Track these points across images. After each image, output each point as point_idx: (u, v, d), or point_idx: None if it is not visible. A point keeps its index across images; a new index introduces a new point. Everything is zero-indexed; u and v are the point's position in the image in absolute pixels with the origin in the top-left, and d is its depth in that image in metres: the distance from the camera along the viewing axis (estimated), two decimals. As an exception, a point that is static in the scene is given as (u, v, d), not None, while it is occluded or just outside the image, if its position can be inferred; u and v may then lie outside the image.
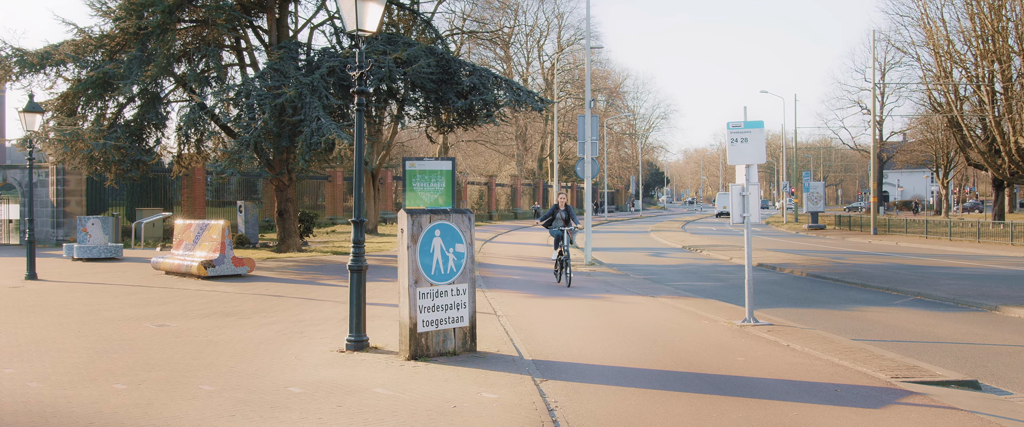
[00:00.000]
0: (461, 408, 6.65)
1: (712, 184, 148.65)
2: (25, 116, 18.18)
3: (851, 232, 46.98)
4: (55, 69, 22.62)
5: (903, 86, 61.49)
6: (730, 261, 24.87)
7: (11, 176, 31.32)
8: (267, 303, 13.43)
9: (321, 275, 18.27)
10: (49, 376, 7.82)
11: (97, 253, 22.84)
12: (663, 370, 8.32)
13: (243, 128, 21.23)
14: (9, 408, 6.61)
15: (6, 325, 11.23)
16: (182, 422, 6.22)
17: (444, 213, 8.91)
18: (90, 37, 22.50)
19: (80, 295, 14.87)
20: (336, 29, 25.25)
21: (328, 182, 45.47)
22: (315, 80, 20.58)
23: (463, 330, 8.93)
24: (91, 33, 22.60)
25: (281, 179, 23.74)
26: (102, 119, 22.97)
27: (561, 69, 65.76)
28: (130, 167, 22.72)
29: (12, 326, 11.13)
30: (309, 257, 23.21)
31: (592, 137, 22.49)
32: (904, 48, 54.52)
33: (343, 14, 9.07)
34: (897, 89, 62.20)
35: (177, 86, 24.11)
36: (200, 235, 18.27)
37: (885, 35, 59.92)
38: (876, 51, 46.78)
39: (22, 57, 22.09)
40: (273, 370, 8.10)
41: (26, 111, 18.10)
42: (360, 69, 9.20)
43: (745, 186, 11.58)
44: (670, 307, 13.46)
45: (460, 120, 24.88)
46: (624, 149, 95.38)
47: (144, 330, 10.70)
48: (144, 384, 7.49)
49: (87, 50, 22.45)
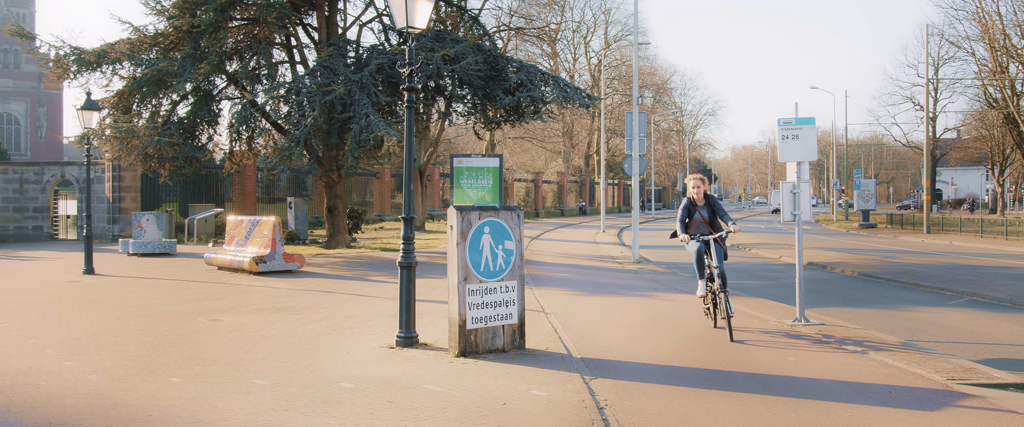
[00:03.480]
0: (511, 405, 6.66)
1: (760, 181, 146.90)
2: (83, 114, 18.58)
3: (903, 231, 46.16)
4: (111, 67, 23.08)
5: (957, 81, 60.20)
6: (779, 259, 24.58)
7: (69, 172, 32.05)
8: (317, 299, 13.57)
9: (370, 271, 18.42)
10: (108, 369, 7.99)
11: (151, 248, 23.27)
12: (713, 369, 8.24)
13: (293, 125, 21.48)
14: (71, 400, 6.77)
15: (66, 319, 11.50)
16: (237, 416, 6.32)
17: (493, 210, 8.92)
18: (145, 35, 22.91)
19: (136, 290, 15.18)
20: (384, 26, 25.41)
21: (376, 179, 45.83)
22: (364, 77, 20.74)
23: (512, 327, 8.94)
24: (146, 31, 23.00)
25: (330, 176, 23.97)
26: (156, 116, 23.41)
27: (608, 65, 65.49)
28: (183, 164, 23.15)
29: (71, 320, 11.39)
30: (358, 253, 23.41)
31: (640, 134, 22.35)
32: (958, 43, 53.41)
33: (393, 11, 9.11)
34: (951, 85, 60.91)
35: (229, 83, 24.46)
36: (252, 231, 18.52)
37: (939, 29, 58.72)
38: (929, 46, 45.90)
39: (80, 56, 22.57)
40: (325, 365, 8.18)
41: (84, 109, 18.50)
42: (410, 66, 9.24)
43: (796, 183, 11.42)
44: (719, 306, 13.32)
45: (507, 117, 24.89)
46: (671, 146, 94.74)
47: (198, 325, 10.88)
48: (199, 378, 7.62)
49: (142, 48, 22.86)
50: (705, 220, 10.61)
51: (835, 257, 24.80)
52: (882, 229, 48.37)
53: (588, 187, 71.79)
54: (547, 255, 24.26)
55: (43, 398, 6.85)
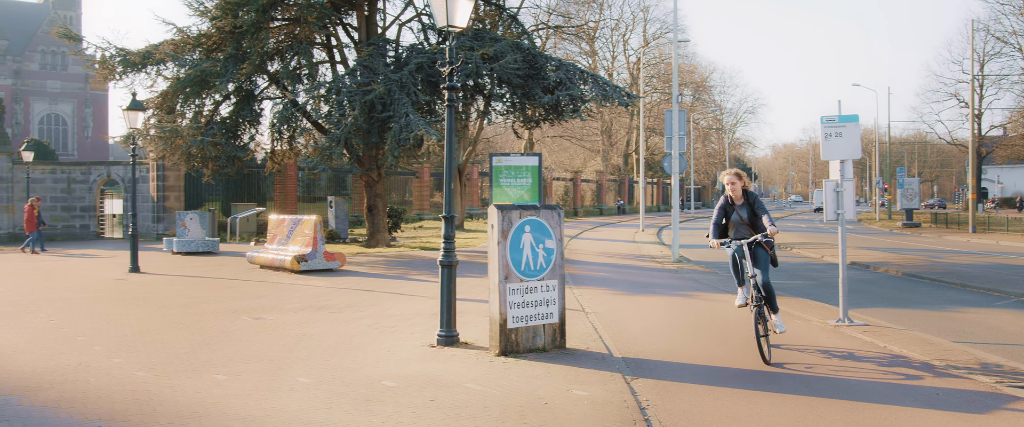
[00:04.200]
0: (552, 405, 6.65)
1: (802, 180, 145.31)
2: (128, 114, 18.89)
3: (948, 230, 45.35)
4: (156, 68, 23.44)
5: (1003, 78, 58.96)
6: (821, 259, 24.28)
7: (115, 172, 32.60)
8: (358, 297, 13.66)
9: (410, 270, 18.50)
10: (155, 366, 8.11)
11: (195, 247, 23.59)
12: (755, 370, 8.16)
13: (334, 124, 21.64)
14: (119, 396, 6.88)
15: (113, 316, 11.69)
16: (281, 413, 6.38)
17: (533, 209, 8.91)
18: (188, 36, 23.20)
19: (180, 288, 15.40)
20: (424, 25, 25.49)
21: (415, 178, 46.03)
22: (404, 77, 20.84)
23: (553, 327, 8.92)
24: (189, 32, 23.30)
25: (370, 175, 24.11)
26: (199, 116, 23.72)
27: (646, 63, 65.17)
28: (226, 163, 23.44)
29: (119, 317, 11.58)
30: (398, 252, 23.53)
31: (680, 132, 22.21)
32: (1005, 38, 52.30)
33: (434, 10, 9.13)
34: (997, 81, 59.67)
35: (270, 83, 24.71)
36: (293, 230, 18.69)
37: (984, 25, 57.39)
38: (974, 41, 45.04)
39: (125, 57, 22.94)
40: (366, 364, 8.23)
41: (130, 109, 18.80)
42: (450, 65, 9.26)
43: (839, 182, 11.28)
44: (761, 306, 13.18)
45: (546, 115, 24.85)
46: (710, 144, 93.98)
47: (241, 322, 11.00)
48: (243, 375, 7.70)
49: (185, 49, 23.17)
50: (744, 221, 9.11)
51: (878, 257, 24.45)
52: (926, 228, 47.58)
53: (627, 186, 71.49)
54: (586, 254, 24.19)
55: (92, 394, 6.97)
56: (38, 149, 39.33)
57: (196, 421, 6.15)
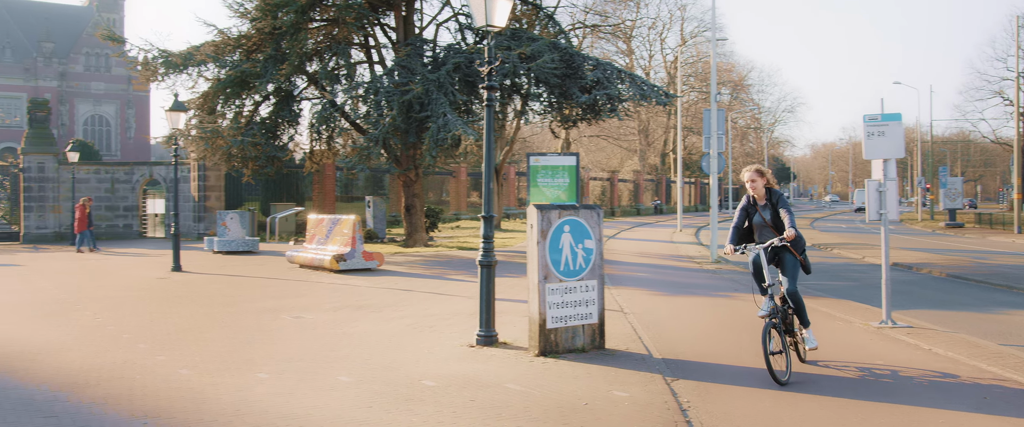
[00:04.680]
0: (593, 406, 6.62)
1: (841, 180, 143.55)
2: (171, 115, 19.15)
3: (992, 230, 44.54)
4: (197, 69, 23.69)
5: (1049, 74, 57.68)
6: (862, 260, 23.95)
7: (157, 172, 33.08)
8: (397, 297, 13.72)
9: (448, 270, 18.54)
10: (198, 364, 8.21)
11: (235, 246, 23.85)
12: (798, 372, 8.06)
13: (372, 125, 21.77)
14: (164, 394, 6.97)
15: (156, 315, 11.85)
16: (322, 412, 6.42)
17: (573, 209, 8.89)
18: (229, 38, 23.44)
19: (221, 287, 15.58)
20: (461, 25, 25.54)
21: (452, 178, 46.16)
22: (441, 76, 20.90)
23: (592, 327, 8.89)
24: (230, 34, 23.54)
25: (408, 175, 24.21)
26: (240, 117, 23.98)
27: (684, 62, 64.81)
28: (265, 163, 23.67)
29: (162, 316, 11.74)
30: (435, 252, 23.60)
31: (718, 131, 22.04)
32: (1051, 33, 51.05)
33: (473, 10, 9.14)
34: (1043, 78, 58.40)
35: (309, 84, 24.91)
36: (332, 230, 18.82)
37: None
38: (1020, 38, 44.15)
39: (167, 58, 23.24)
40: (406, 363, 8.26)
41: (172, 110, 19.06)
42: (489, 64, 9.26)
43: (882, 182, 11.12)
44: (802, 307, 13.04)
45: (584, 115, 24.78)
46: (748, 144, 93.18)
47: (282, 321, 11.10)
48: (285, 374, 7.76)
49: (226, 50, 23.41)
50: (768, 223, 8.17)
51: (921, 257, 24.07)
52: (970, 229, 46.75)
53: (664, 185, 71.12)
54: (624, 254, 24.09)
55: (138, 391, 7.07)
56: (83, 150, 40.00)
57: (239, 419, 6.21)
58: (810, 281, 17.66)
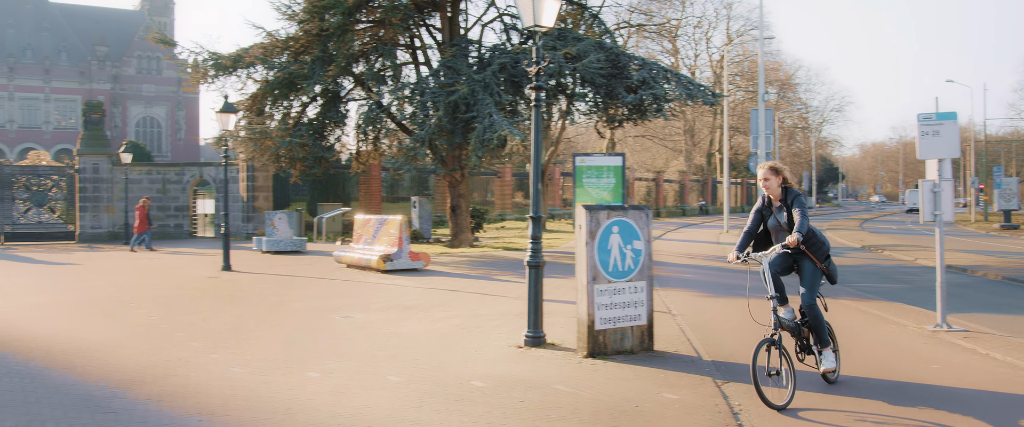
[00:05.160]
0: (643, 408, 6.58)
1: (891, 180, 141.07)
2: (221, 116, 19.43)
3: (1051, 231, 43.43)
4: (246, 71, 24.01)
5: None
6: (914, 262, 23.51)
7: (207, 173, 33.60)
8: (444, 297, 13.77)
9: (494, 271, 18.57)
10: (249, 362, 8.31)
11: (283, 246, 24.12)
12: (849, 376, 7.93)
13: (418, 125, 21.87)
14: (217, 391, 7.07)
15: (208, 314, 12.04)
16: (373, 412, 6.46)
17: (621, 209, 8.85)
18: (277, 40, 23.71)
19: (270, 286, 15.77)
20: (506, 26, 25.55)
21: (497, 178, 46.25)
22: (487, 77, 20.93)
23: (641, 328, 8.84)
24: (278, 36, 23.80)
25: (454, 175, 24.28)
26: (288, 118, 24.25)
27: (730, 61, 64.22)
28: (313, 164, 23.91)
29: (213, 314, 11.91)
30: (481, 252, 23.65)
31: (766, 131, 21.83)
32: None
33: (520, 10, 9.14)
34: (1102, 76, 56.79)
35: (355, 85, 25.11)
36: (379, 230, 18.95)
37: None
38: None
39: (217, 61, 23.58)
40: (455, 363, 8.28)
41: (222, 111, 19.33)
42: (537, 64, 9.24)
43: (936, 182, 10.91)
44: (853, 309, 12.86)
45: (629, 115, 24.65)
46: (796, 143, 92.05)
47: (330, 321, 11.20)
48: (335, 373, 7.83)
49: (274, 52, 23.69)
50: (784, 226, 7.26)
51: (976, 260, 23.57)
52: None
53: (710, 186, 70.52)
54: (670, 255, 23.93)
55: (192, 389, 7.18)
56: (135, 151, 40.80)
57: (291, 418, 6.28)
58: (861, 283, 17.43)
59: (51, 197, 31.70)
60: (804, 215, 7.04)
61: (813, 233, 7.16)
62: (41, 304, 13.03)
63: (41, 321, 11.23)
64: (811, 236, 7.15)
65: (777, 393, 6.67)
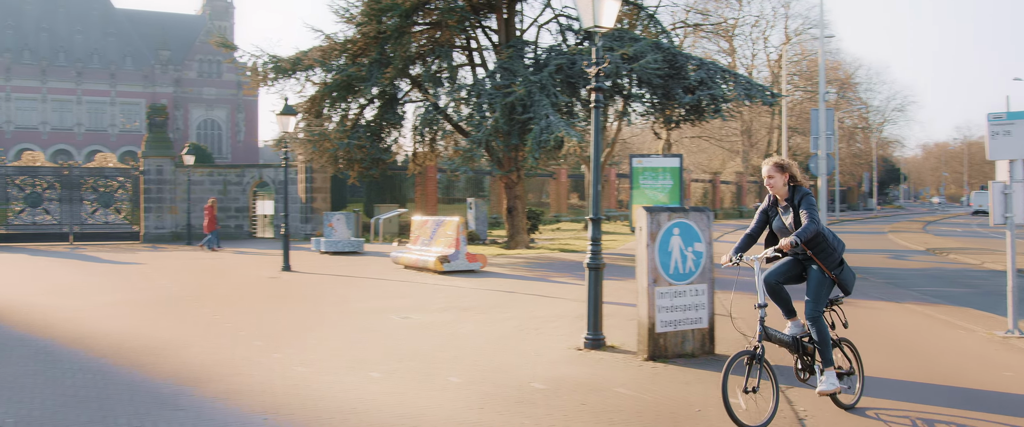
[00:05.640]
0: (706, 412, 6.51)
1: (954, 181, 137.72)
2: (281, 118, 19.71)
3: (1125, 234, 41.94)
4: (305, 74, 24.31)
5: None
6: (981, 265, 22.90)
7: (266, 174, 34.16)
8: (501, 299, 13.79)
9: (551, 272, 18.54)
10: (312, 362, 8.41)
11: (341, 247, 24.39)
12: (917, 382, 7.76)
13: (474, 127, 21.94)
14: (281, 390, 7.17)
15: (270, 313, 12.22)
16: (435, 412, 6.49)
17: (682, 211, 8.77)
18: (335, 43, 23.96)
19: (330, 286, 15.95)
20: (562, 27, 25.49)
21: (552, 179, 46.21)
22: (543, 78, 20.90)
23: (702, 332, 8.75)
24: (336, 39, 24.05)
25: (510, 177, 24.30)
26: (346, 120, 24.52)
27: (788, 60, 63.29)
28: (370, 165, 24.13)
29: (274, 314, 12.09)
30: (537, 254, 23.64)
31: (826, 132, 21.45)
32: None
33: (580, 11, 9.11)
34: None
35: (412, 87, 25.28)
36: (436, 231, 19.05)
37: None
38: None
39: (277, 64, 23.92)
40: (514, 365, 8.28)
41: (282, 114, 19.61)
42: (597, 65, 9.20)
43: (1007, 184, 10.62)
44: (918, 314, 12.57)
45: (687, 116, 24.43)
46: (856, 144, 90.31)
47: (390, 321, 11.28)
48: (396, 373, 7.88)
49: (332, 55, 23.94)
50: (790, 229, 6.60)
51: (1047, 263, 22.88)
52: (1099, 232, 44.16)
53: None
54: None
55: (257, 387, 7.29)
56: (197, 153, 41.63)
57: (356, 417, 6.34)
58: (926, 287, 17.02)
59: (117, 198, 32.47)
60: (812, 217, 6.38)
61: (823, 236, 6.50)
62: (109, 303, 13.35)
63: (110, 319, 11.50)
64: (820, 240, 6.48)
65: (750, 414, 5.97)
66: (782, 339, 6.60)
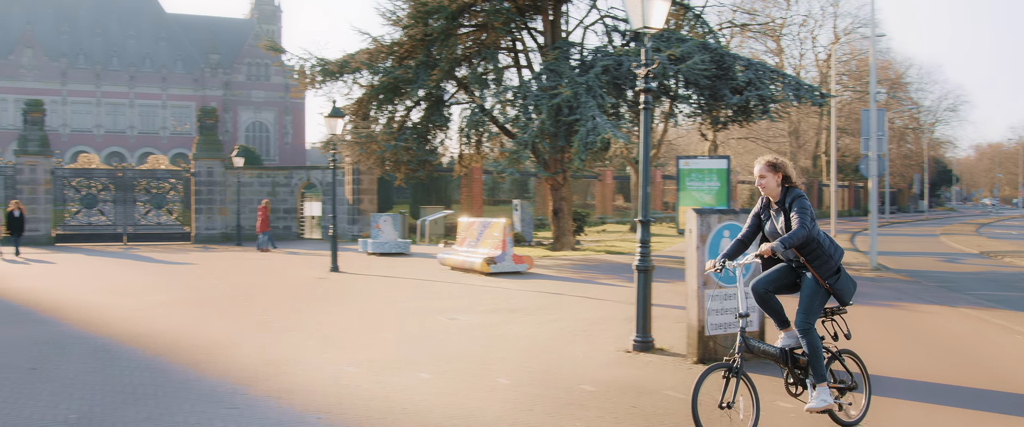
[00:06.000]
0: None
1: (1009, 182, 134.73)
2: (329, 121, 19.93)
3: None
4: (352, 76, 24.53)
5: None
6: (1040, 268, 22.40)
7: (314, 176, 34.55)
8: (548, 300, 13.79)
9: (598, 274, 18.50)
10: (362, 362, 8.48)
11: (388, 248, 24.58)
12: (975, 388, 7.61)
13: (520, 128, 21.97)
14: (333, 390, 7.24)
15: (319, 312, 12.35)
16: (485, 413, 6.52)
17: (733, 213, 8.70)
18: (382, 45, 24.14)
19: (378, 287, 16.09)
20: (607, 28, 25.42)
21: (598, 181, 46.11)
22: (590, 79, 20.86)
23: (753, 334, 8.66)
24: (383, 41, 24.24)
25: (556, 178, 24.28)
26: (392, 122, 24.70)
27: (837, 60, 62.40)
28: (417, 167, 24.29)
29: (324, 314, 12.22)
30: (583, 256, 23.60)
31: (878, 132, 21.09)
32: None
33: (629, 12, 9.07)
34: None
35: (458, 89, 25.39)
36: (482, 233, 19.10)
37: None
38: None
39: (324, 66, 24.17)
40: (563, 367, 8.28)
41: (330, 116, 19.83)
42: (646, 66, 9.15)
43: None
44: (973, 318, 12.31)
45: (734, 117, 24.21)
46: (906, 145, 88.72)
47: (438, 322, 11.34)
48: (445, 374, 7.92)
49: (379, 57, 24.13)
50: (782, 232, 6.10)
51: (1107, 266, 22.30)
52: None
53: (816, 189, 68.67)
54: (776, 259, 23.37)
55: (308, 386, 7.37)
56: (245, 155, 42.26)
57: (407, 418, 6.38)
58: (980, 291, 16.67)
59: (169, 200, 33.07)
60: (802, 222, 5.85)
61: (817, 242, 5.98)
62: (163, 302, 13.60)
63: (164, 318, 11.72)
64: (814, 246, 5.97)
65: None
66: (767, 351, 6.25)
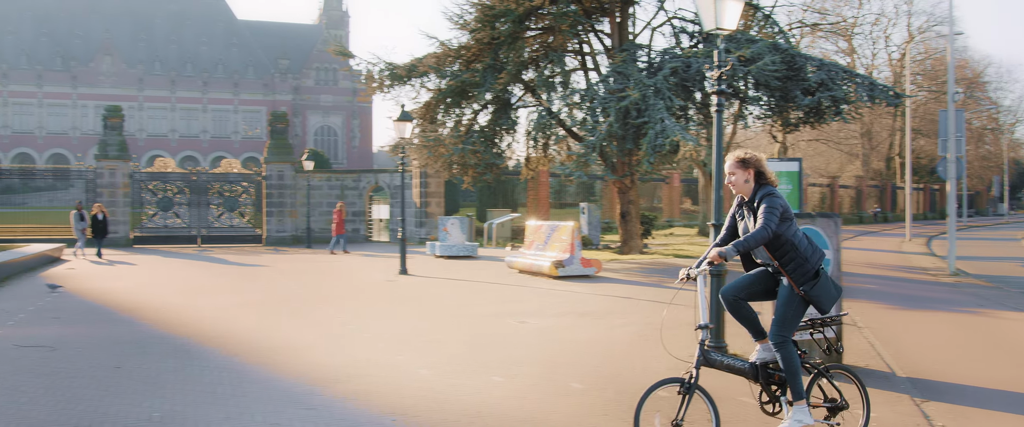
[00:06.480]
0: (840, 424, 6.30)
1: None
2: (398, 124, 20.12)
3: None
4: (419, 80, 24.76)
5: None
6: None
7: (381, 179, 34.96)
8: (618, 304, 13.72)
9: (666, 278, 18.32)
10: (434, 365, 8.54)
11: (456, 251, 24.72)
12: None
13: (588, 131, 21.90)
14: (408, 392, 7.30)
15: (390, 315, 12.50)
16: (558, 417, 6.50)
17: (809, 217, 8.55)
18: (449, 49, 24.33)
19: (446, 290, 16.19)
20: (675, 29, 25.20)
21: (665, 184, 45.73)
22: (658, 81, 20.70)
23: (828, 341, 8.47)
24: (450, 45, 24.42)
25: (624, 181, 24.15)
26: (459, 125, 24.86)
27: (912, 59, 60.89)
28: (484, 170, 24.40)
29: (395, 316, 12.35)
30: (651, 259, 23.42)
31: (956, 134, 20.51)
32: None
33: (701, 12, 8.96)
34: None
35: (525, 92, 25.42)
36: (550, 236, 19.08)
37: None
38: None
39: (392, 71, 24.44)
40: (636, 371, 8.22)
41: (399, 120, 20.02)
42: (719, 69, 9.03)
43: None
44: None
45: (806, 118, 23.78)
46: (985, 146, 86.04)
47: (507, 326, 11.36)
48: (517, 378, 7.92)
49: (446, 61, 24.32)
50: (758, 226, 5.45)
51: None
52: None
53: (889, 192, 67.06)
54: (850, 264, 22.88)
55: (383, 389, 7.45)
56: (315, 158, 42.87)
57: (480, 421, 6.40)
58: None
59: (241, 202, 33.79)
60: (766, 222, 5.30)
61: (791, 244, 5.44)
62: (238, 303, 13.89)
63: (239, 319, 11.97)
64: (788, 248, 5.45)
65: None
66: (734, 365, 5.77)
